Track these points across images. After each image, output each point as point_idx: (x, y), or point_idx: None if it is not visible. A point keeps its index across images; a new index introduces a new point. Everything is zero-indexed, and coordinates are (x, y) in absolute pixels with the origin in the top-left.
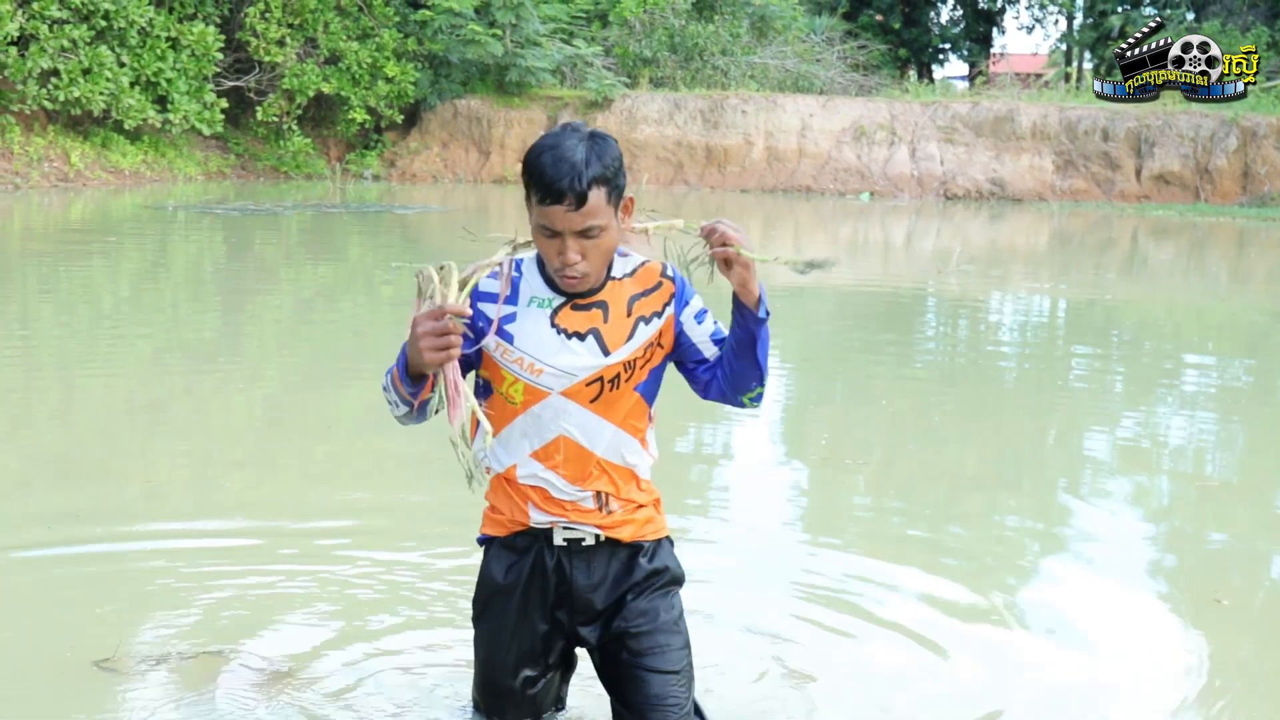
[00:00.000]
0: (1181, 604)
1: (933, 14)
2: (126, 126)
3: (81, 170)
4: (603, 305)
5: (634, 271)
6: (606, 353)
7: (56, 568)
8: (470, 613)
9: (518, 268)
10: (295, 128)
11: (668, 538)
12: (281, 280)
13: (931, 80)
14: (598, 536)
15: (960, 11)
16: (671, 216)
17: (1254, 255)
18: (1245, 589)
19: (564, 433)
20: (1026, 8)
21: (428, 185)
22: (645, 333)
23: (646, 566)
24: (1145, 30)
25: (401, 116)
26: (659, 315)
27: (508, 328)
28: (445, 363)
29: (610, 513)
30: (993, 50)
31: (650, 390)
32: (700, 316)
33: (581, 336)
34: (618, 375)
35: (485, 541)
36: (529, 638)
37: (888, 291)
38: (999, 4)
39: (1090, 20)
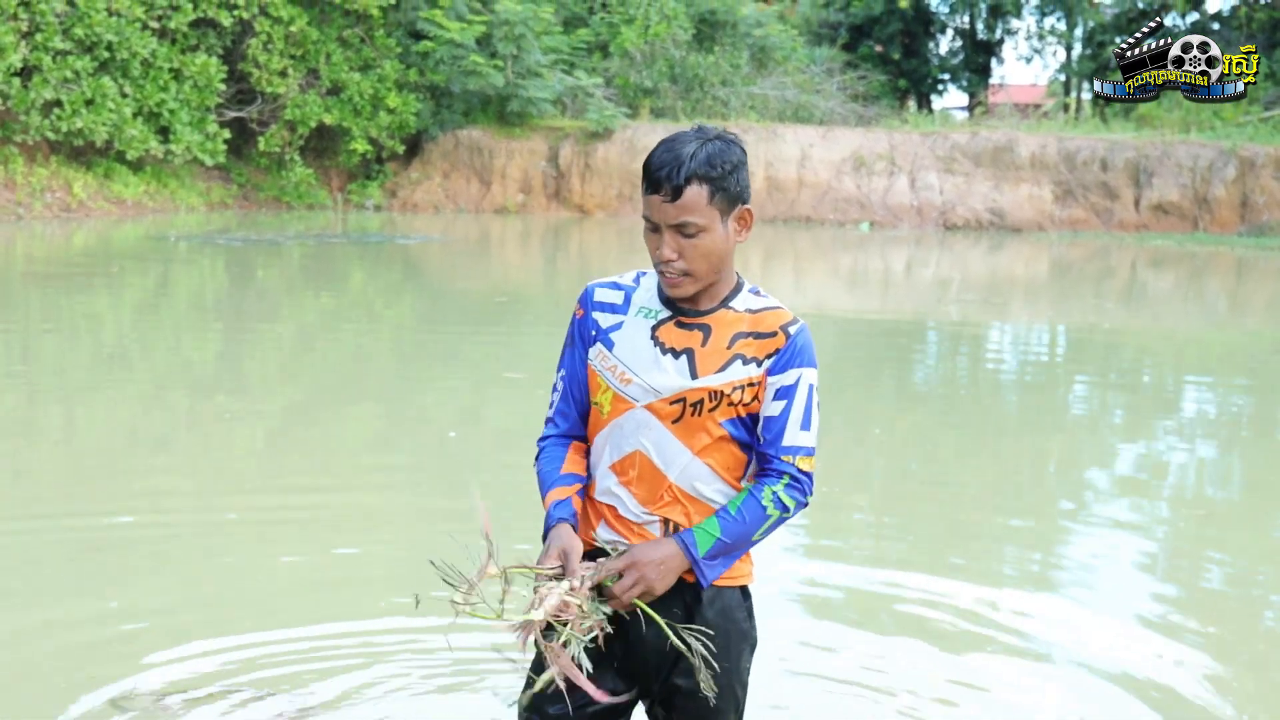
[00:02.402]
0: (1173, 628)
1: (932, 45)
2: (129, 157)
3: (84, 200)
4: (706, 329)
5: (758, 311)
6: (695, 376)
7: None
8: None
9: (636, 280)
10: (297, 158)
11: (743, 588)
12: (283, 310)
13: (931, 110)
14: None
15: (959, 42)
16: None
17: (1252, 285)
18: (1239, 616)
19: (640, 448)
20: (1025, 39)
21: (429, 215)
22: (740, 372)
23: (707, 615)
24: (1145, 30)
25: (403, 147)
26: (758, 363)
27: (612, 335)
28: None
29: None
30: (992, 81)
31: (744, 436)
32: (781, 394)
33: (676, 354)
34: (701, 401)
35: None
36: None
37: (888, 321)
38: (998, 35)
39: (1089, 51)
